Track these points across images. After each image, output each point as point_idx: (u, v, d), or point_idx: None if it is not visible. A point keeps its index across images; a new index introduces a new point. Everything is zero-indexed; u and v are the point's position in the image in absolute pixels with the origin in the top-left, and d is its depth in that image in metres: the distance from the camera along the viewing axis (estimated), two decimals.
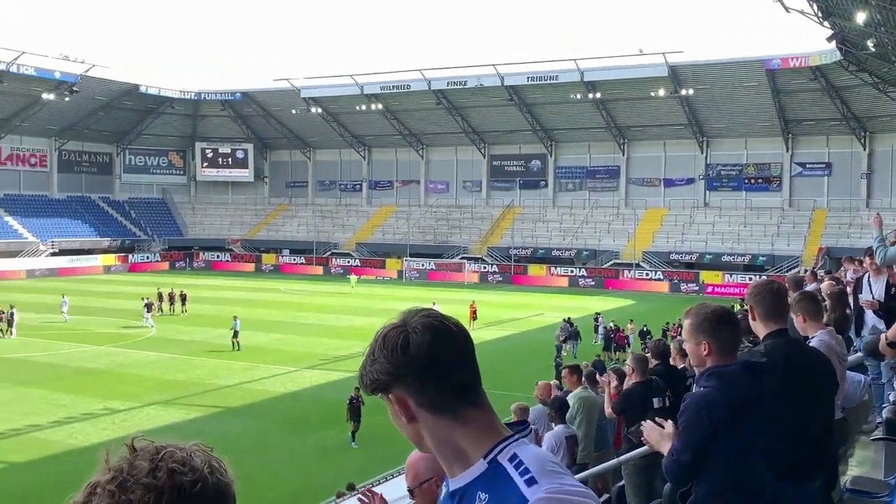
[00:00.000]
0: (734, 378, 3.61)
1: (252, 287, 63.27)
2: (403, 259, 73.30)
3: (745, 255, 63.58)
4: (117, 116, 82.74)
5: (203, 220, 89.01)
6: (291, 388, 29.08)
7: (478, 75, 72.57)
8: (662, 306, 50.12)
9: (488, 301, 51.15)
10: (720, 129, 70.49)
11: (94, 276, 71.53)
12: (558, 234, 73.13)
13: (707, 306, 3.83)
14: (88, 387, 28.60)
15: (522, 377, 28.07)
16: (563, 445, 8.24)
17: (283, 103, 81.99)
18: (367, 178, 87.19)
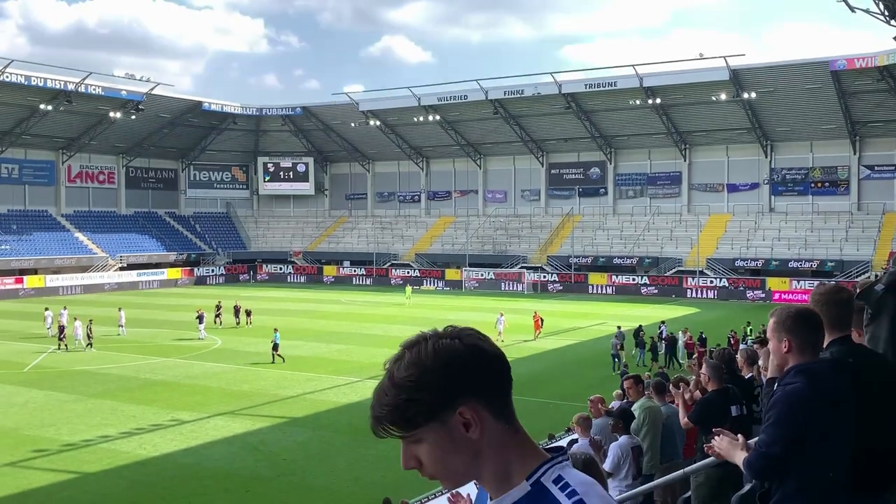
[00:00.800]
0: (823, 375, 3.55)
1: (313, 298, 64.00)
2: (462, 269, 73.35)
3: (813, 261, 62.02)
4: (181, 133, 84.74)
5: (265, 233, 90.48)
6: (354, 398, 29.25)
7: (535, 84, 72.45)
8: (727, 314, 49.20)
9: (548, 310, 50.82)
10: (784, 132, 69.02)
11: (161, 290, 73.18)
12: (619, 242, 72.37)
13: (792, 305, 3.85)
14: (156, 398, 29.20)
15: (582, 387, 27.79)
16: (630, 456, 8.13)
17: (342, 117, 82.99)
18: (426, 189, 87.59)
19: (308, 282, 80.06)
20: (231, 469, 21.32)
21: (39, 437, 24.05)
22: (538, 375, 33.50)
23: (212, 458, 22.24)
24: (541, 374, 33.70)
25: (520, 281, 70.64)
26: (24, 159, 78.20)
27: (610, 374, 31.20)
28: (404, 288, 65.78)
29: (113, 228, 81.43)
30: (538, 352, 38.56)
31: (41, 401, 28.76)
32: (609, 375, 30.91)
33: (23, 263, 70.54)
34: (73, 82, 69.91)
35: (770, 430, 3.53)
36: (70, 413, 27.06)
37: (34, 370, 34.60)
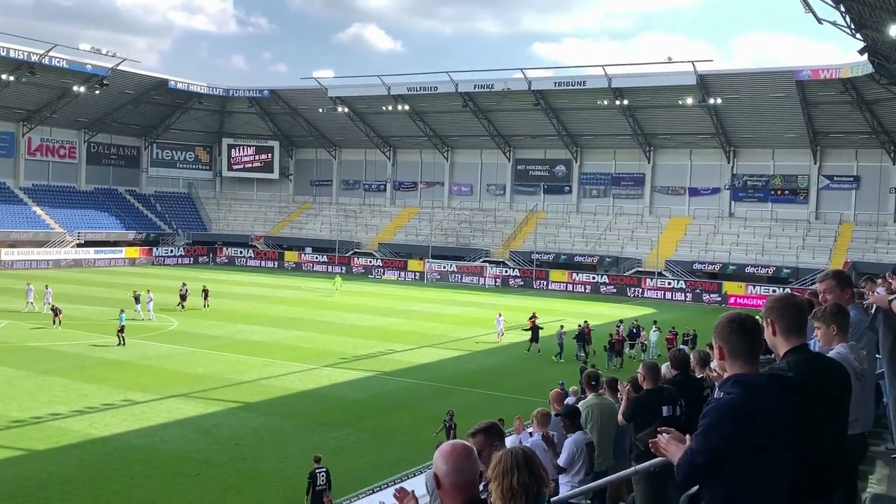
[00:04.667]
0: (758, 388, 3.58)
1: (273, 284, 63.59)
2: (425, 260, 73.38)
3: (770, 267, 63.00)
4: (145, 110, 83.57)
5: (227, 215, 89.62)
6: (310, 385, 29.18)
7: (505, 79, 72.62)
8: (684, 315, 49.84)
9: (509, 305, 51.09)
10: (747, 139, 69.95)
11: (119, 269, 72.23)
12: (581, 241, 72.87)
13: (729, 313, 3.83)
14: (109, 377, 28.86)
15: (539, 381, 27.98)
16: (584, 452, 8.21)
17: (309, 102, 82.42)
18: (392, 179, 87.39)
19: (269, 267, 79.49)
20: (182, 452, 21.16)
21: None
22: (496, 369, 33.69)
23: (163, 439, 22.05)
24: (499, 369, 33.89)
25: (482, 275, 70.85)
26: None
27: (568, 369, 31.41)
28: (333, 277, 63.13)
29: (72, 204, 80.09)
30: (497, 346, 38.74)
31: None
32: (568, 370, 31.11)
33: None
34: (37, 54, 68.53)
35: (699, 439, 3.56)
36: (19, 389, 26.65)
37: None
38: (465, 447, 3.23)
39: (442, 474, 3.15)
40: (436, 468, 3.18)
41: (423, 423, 23.66)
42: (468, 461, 3.19)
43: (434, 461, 3.21)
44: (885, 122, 61.52)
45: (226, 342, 36.65)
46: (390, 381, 30.47)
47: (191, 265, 78.54)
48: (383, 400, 27.64)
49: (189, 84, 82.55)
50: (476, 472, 3.25)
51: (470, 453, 3.22)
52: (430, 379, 30.91)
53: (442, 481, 3.15)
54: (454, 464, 3.15)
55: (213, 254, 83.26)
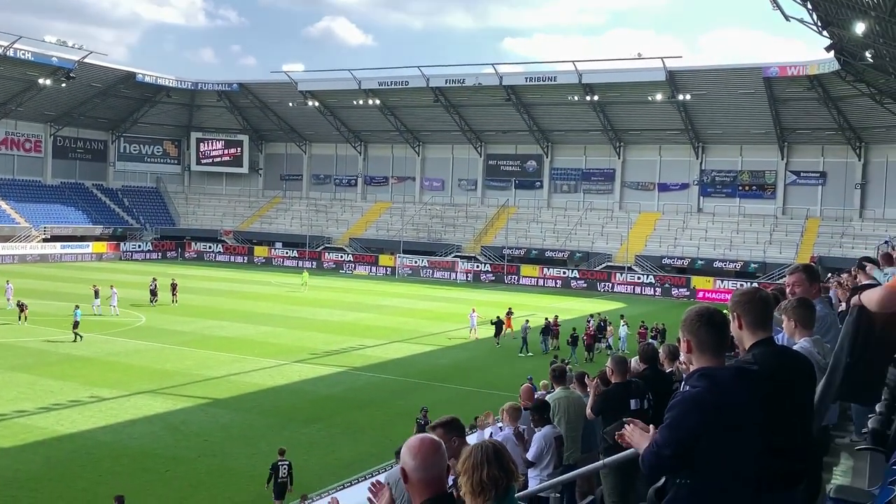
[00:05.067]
0: (724, 381, 3.60)
1: (243, 279, 63.17)
2: (396, 255, 73.29)
3: (737, 262, 63.68)
4: (113, 104, 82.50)
5: (196, 210, 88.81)
6: (280, 381, 29.04)
7: (476, 74, 72.63)
8: (654, 310, 50.24)
9: (480, 300, 51.16)
10: (716, 135, 70.59)
11: (86, 264, 71.36)
12: (552, 236, 73.14)
13: (697, 307, 3.87)
14: (76, 374, 28.54)
15: (509, 376, 28.08)
16: (552, 446, 8.25)
17: (279, 95, 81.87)
18: (363, 174, 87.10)
19: (238, 262, 78.92)
20: (151, 448, 20.98)
21: None
22: (467, 365, 33.75)
23: (132, 436, 21.84)
24: (470, 364, 33.95)
25: (453, 270, 70.89)
26: None
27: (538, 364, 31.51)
28: (301, 273, 61.53)
29: (38, 198, 78.89)
30: (467, 341, 38.80)
31: None
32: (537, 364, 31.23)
33: None
34: (2, 46, 67.37)
35: (664, 432, 3.58)
36: None
37: None
38: (433, 442, 3.22)
39: (410, 469, 3.14)
40: (403, 463, 3.17)
41: (394, 419, 23.66)
42: (436, 456, 3.18)
43: (401, 456, 3.19)
44: (850, 118, 62.37)
45: (195, 338, 36.36)
46: (361, 376, 30.41)
47: (159, 260, 77.78)
48: (354, 396, 27.58)
49: (157, 77, 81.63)
50: (444, 467, 3.25)
51: (438, 448, 3.21)
52: (401, 374, 30.89)
53: (410, 476, 3.14)
54: (422, 459, 3.13)
55: (181, 249, 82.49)
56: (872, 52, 40.96)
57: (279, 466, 17.22)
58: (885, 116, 57.75)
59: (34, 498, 17.39)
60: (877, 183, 65.63)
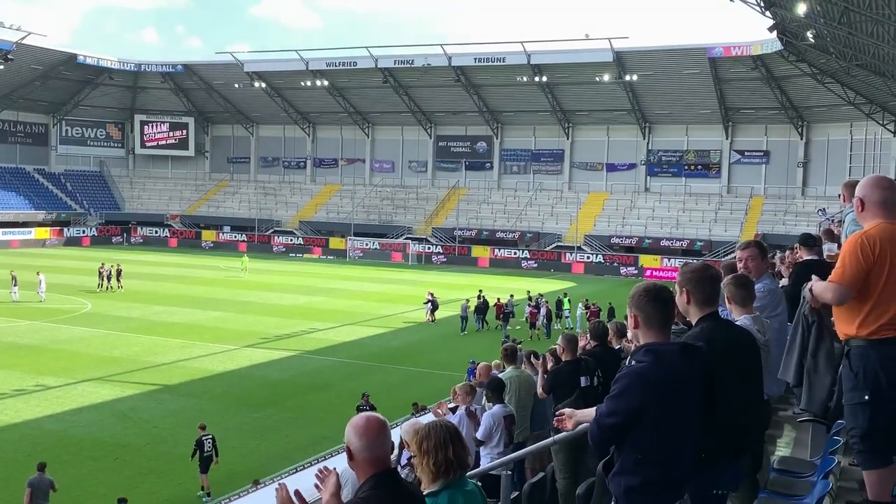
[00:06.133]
0: (669, 356, 3.67)
1: (191, 264, 62.33)
2: (347, 238, 72.93)
3: (684, 240, 64.69)
4: (54, 86, 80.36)
5: (141, 194, 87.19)
6: (231, 366, 28.79)
7: (425, 55, 72.29)
8: (603, 288, 50.84)
9: (432, 282, 51.23)
10: (662, 115, 71.42)
11: (29, 250, 69.71)
12: (503, 217, 73.45)
13: (644, 283, 3.94)
14: (20, 362, 27.93)
15: (460, 356, 28.21)
16: (501, 425, 8.31)
17: (225, 77, 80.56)
18: (312, 156, 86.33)
19: (185, 247, 77.82)
20: (99, 436, 20.67)
21: None
22: (419, 346, 33.82)
23: (79, 424, 21.49)
24: (422, 345, 34.03)
25: (404, 252, 70.82)
26: None
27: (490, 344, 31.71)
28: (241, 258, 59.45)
29: None
30: (419, 322, 38.85)
31: None
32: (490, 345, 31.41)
33: None
34: None
35: (609, 403, 3.66)
36: None
37: None
38: (378, 421, 3.23)
39: (355, 449, 3.14)
40: (348, 442, 3.17)
41: (346, 401, 23.61)
42: (382, 435, 3.19)
43: (346, 435, 3.19)
44: (793, 97, 63.56)
45: (142, 324, 35.83)
46: (313, 359, 30.30)
47: (105, 246, 76.31)
48: (306, 379, 27.47)
49: (99, 59, 79.69)
50: (389, 445, 3.26)
51: (384, 427, 3.22)
52: (352, 357, 30.84)
53: (356, 456, 3.15)
54: (368, 439, 3.15)
55: (127, 234, 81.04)
56: (814, 33, 41.73)
57: (203, 441, 17.59)
58: (826, 95, 58.99)
59: None
60: (818, 161, 67.11)
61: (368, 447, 3.14)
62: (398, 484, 3.21)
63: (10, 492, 16.26)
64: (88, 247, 75.09)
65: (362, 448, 3.14)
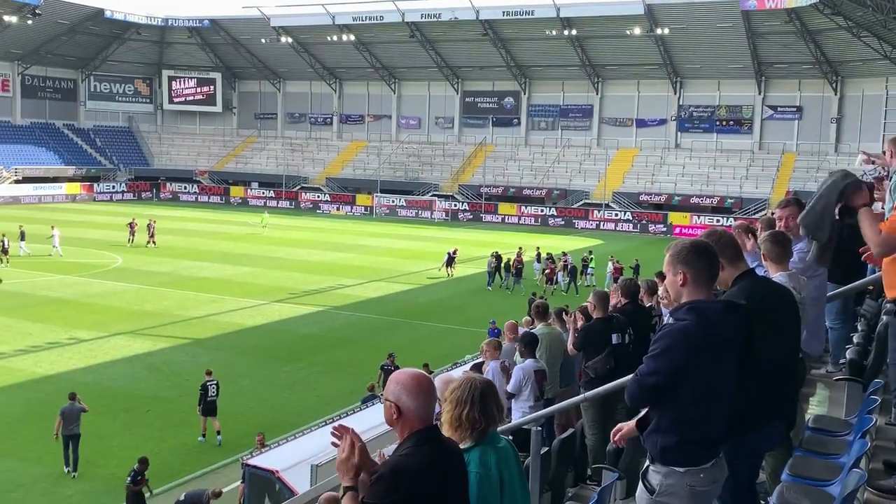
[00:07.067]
0: (713, 314, 3.63)
1: (220, 220, 62.76)
2: (374, 195, 72.96)
3: (714, 197, 64.01)
4: (82, 41, 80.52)
5: (170, 150, 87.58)
6: (260, 321, 29.09)
7: (452, 8, 71.35)
8: (631, 246, 50.57)
9: (458, 239, 51.24)
10: (694, 70, 70.23)
11: (59, 205, 70.50)
12: (530, 173, 73.01)
13: (687, 238, 3.89)
14: (54, 316, 28.40)
15: (487, 313, 28.27)
16: (532, 379, 8.33)
17: (252, 32, 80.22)
18: (338, 112, 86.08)
19: (215, 202, 78.30)
20: (132, 389, 21.03)
21: None
22: (445, 302, 33.93)
23: (112, 377, 21.87)
24: (448, 301, 34.13)
25: (431, 209, 70.76)
26: None
27: (516, 301, 31.77)
28: (262, 214, 59.21)
29: (7, 139, 77.37)
30: (445, 279, 38.92)
31: None
32: (516, 302, 31.48)
33: None
34: None
35: (650, 361, 3.61)
36: None
37: None
38: (427, 379, 3.23)
39: (407, 408, 3.12)
40: (397, 400, 3.13)
41: (373, 356, 23.77)
42: (434, 393, 3.20)
43: (394, 393, 3.16)
44: (827, 52, 62.20)
45: (173, 279, 36.22)
46: (340, 315, 30.51)
47: (134, 201, 76.98)
48: (334, 334, 27.70)
49: (126, 14, 79.62)
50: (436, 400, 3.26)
51: (433, 384, 3.23)
52: (379, 313, 31.02)
53: (406, 414, 3.12)
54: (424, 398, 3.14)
55: (156, 189, 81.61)
56: None
57: (208, 386, 18.05)
58: (861, 50, 57.65)
59: (14, 440, 17.44)
60: (852, 117, 65.80)
61: (422, 405, 3.13)
62: (440, 440, 3.22)
63: (47, 441, 16.61)
64: (119, 202, 75.74)
65: (415, 407, 3.12)
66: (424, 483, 3.01)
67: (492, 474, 3.41)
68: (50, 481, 15.55)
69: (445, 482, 3.12)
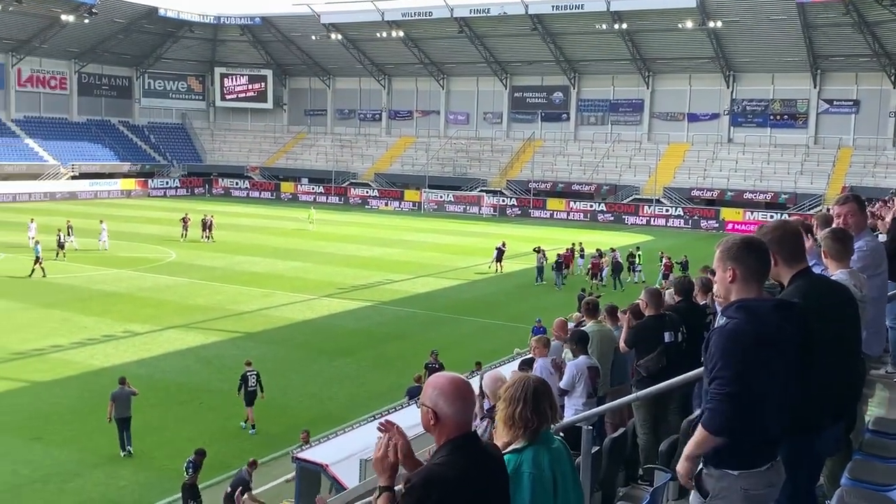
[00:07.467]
0: (764, 313, 3.54)
1: (271, 215, 63.46)
2: (422, 190, 73.13)
3: (768, 193, 62.88)
4: (136, 40, 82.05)
5: (222, 146, 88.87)
6: (310, 315, 29.35)
7: (501, 3, 71.12)
8: (682, 242, 49.94)
9: (506, 234, 51.08)
10: (747, 63, 69.02)
11: (115, 201, 71.94)
12: (579, 169, 72.52)
13: (738, 234, 3.82)
14: (109, 309, 28.97)
15: (534, 309, 28.16)
16: (585, 375, 8.26)
17: (302, 29, 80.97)
18: (387, 108, 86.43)
19: (265, 198, 79.24)
20: (184, 381, 21.38)
21: None
22: (492, 298, 33.87)
23: (165, 370, 22.25)
24: (493, 296, 34.06)
25: (479, 204, 70.69)
26: None
27: (563, 298, 31.59)
28: (308, 209, 59.74)
29: (65, 136, 79.24)
30: (492, 275, 38.85)
31: None
32: (563, 299, 31.31)
33: None
34: None
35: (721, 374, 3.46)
36: (20, 322, 26.77)
37: None
38: (467, 384, 3.15)
39: (444, 414, 3.05)
40: (434, 406, 3.07)
41: (420, 352, 23.81)
42: (472, 398, 3.15)
43: (431, 398, 3.09)
44: (886, 44, 60.64)
45: (225, 273, 36.72)
46: (388, 310, 30.64)
47: (187, 196, 78.22)
48: (381, 329, 27.83)
49: (179, 12, 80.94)
50: (474, 405, 3.21)
51: (472, 389, 3.16)
52: (427, 308, 31.08)
53: (444, 420, 3.06)
54: (462, 404, 3.08)
55: (208, 185, 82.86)
56: None
57: (248, 376, 18.46)
58: None
59: (70, 430, 17.84)
60: None
61: (460, 411, 3.07)
62: (477, 447, 3.13)
63: (103, 432, 16.97)
64: (172, 197, 77.06)
65: (453, 413, 3.05)
66: (458, 493, 2.93)
67: (545, 475, 3.36)
68: (105, 471, 15.89)
69: (482, 491, 3.04)
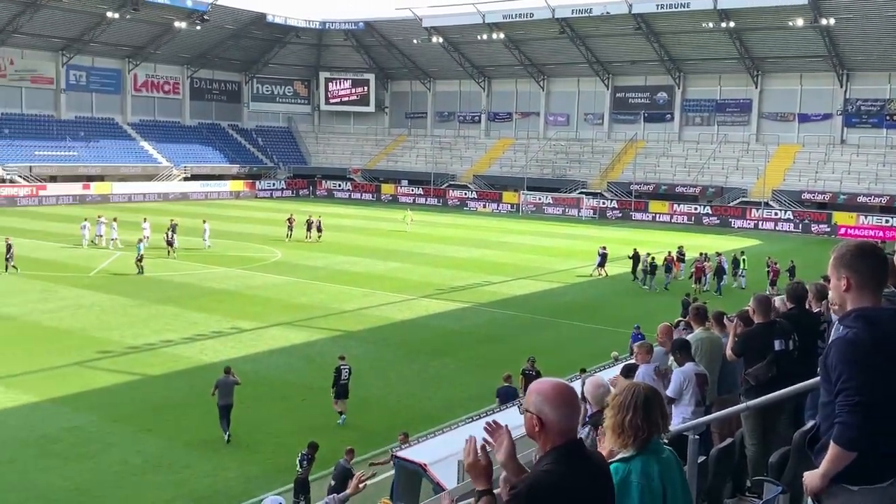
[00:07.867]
0: (884, 321, 3.37)
1: (371, 216, 64.40)
2: (520, 192, 72.89)
3: (884, 196, 60.08)
4: (245, 45, 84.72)
5: (326, 149, 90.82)
6: (409, 315, 29.61)
7: (604, 2, 70.28)
8: (791, 247, 48.24)
9: (607, 238, 50.41)
10: (862, 61, 66.16)
11: (224, 202, 74.35)
12: (683, 170, 70.95)
13: (853, 240, 3.65)
14: (218, 307, 29.91)
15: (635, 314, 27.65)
16: (693, 382, 8.05)
17: (404, 33, 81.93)
18: (486, 110, 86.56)
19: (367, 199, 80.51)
20: (288, 378, 21.87)
21: (105, 339, 24.93)
22: (592, 302, 33.46)
23: (269, 366, 22.82)
24: (594, 301, 33.64)
25: (578, 206, 70.00)
26: (92, 66, 79.18)
27: (667, 302, 30.94)
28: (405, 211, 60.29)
29: (177, 138, 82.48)
30: (593, 279, 38.37)
31: (106, 304, 29.70)
32: (666, 302, 30.66)
33: (90, 170, 72.14)
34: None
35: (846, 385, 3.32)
36: (134, 318, 27.92)
37: (99, 275, 35.65)
38: (570, 389, 3.12)
39: (550, 421, 3.02)
40: (539, 412, 3.04)
41: (519, 355, 23.71)
42: (577, 404, 3.10)
43: (535, 405, 3.06)
44: None
45: (328, 273, 37.45)
46: (486, 312, 30.64)
47: (292, 198, 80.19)
48: (480, 331, 27.84)
49: (286, 18, 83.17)
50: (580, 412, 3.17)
51: (575, 394, 3.12)
52: (525, 311, 30.93)
53: (549, 427, 3.03)
54: (567, 410, 3.04)
55: (313, 187, 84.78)
56: None
57: (341, 370, 18.78)
58: None
59: (180, 422, 18.48)
60: None
61: (566, 417, 3.03)
62: (583, 455, 3.09)
63: (210, 426, 17.52)
64: (278, 199, 79.13)
65: (558, 420, 3.02)
66: (564, 501, 2.93)
67: (654, 485, 3.28)
68: (213, 463, 16.38)
69: (588, 501, 3.01)
